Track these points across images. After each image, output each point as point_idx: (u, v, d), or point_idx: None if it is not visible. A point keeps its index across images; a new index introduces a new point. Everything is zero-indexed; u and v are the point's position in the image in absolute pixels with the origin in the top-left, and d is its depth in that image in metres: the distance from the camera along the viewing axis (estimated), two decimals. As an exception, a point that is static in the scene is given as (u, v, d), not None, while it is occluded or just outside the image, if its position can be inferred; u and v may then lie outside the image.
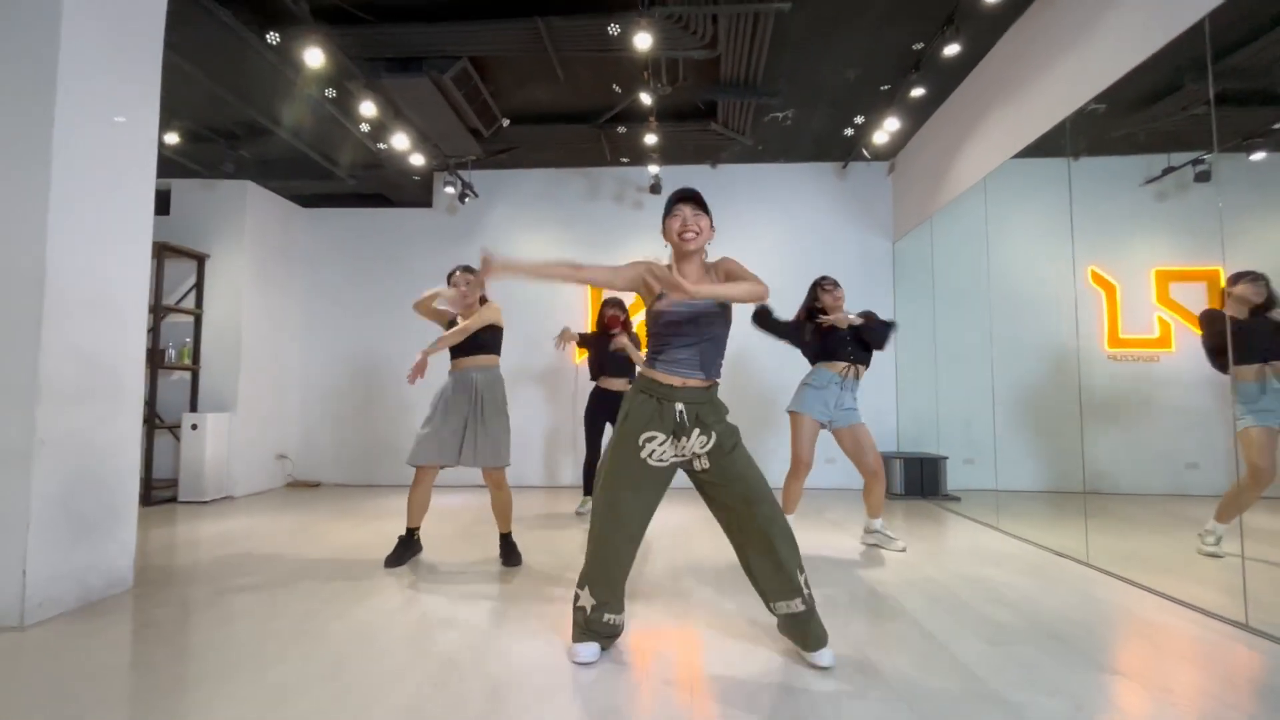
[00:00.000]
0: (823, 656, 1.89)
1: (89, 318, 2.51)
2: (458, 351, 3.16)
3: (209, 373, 5.30)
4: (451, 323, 3.20)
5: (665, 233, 2.08)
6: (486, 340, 3.18)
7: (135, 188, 2.75)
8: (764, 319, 3.41)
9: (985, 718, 1.62)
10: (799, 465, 3.34)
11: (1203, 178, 3.78)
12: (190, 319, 5.30)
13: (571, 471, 5.90)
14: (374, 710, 1.66)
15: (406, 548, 3.12)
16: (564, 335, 4.14)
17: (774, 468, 4.99)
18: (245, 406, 5.35)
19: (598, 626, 1.98)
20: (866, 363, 3.42)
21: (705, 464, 1.97)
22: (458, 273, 3.23)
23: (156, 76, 2.86)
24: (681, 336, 1.95)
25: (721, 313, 2.00)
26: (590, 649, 1.94)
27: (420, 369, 3.04)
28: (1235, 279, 2.93)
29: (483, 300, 3.29)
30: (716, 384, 2.03)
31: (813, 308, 3.44)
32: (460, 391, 3.08)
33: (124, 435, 2.68)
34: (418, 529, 3.19)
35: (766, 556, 1.93)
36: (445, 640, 2.14)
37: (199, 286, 5.32)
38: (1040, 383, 4.56)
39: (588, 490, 4.40)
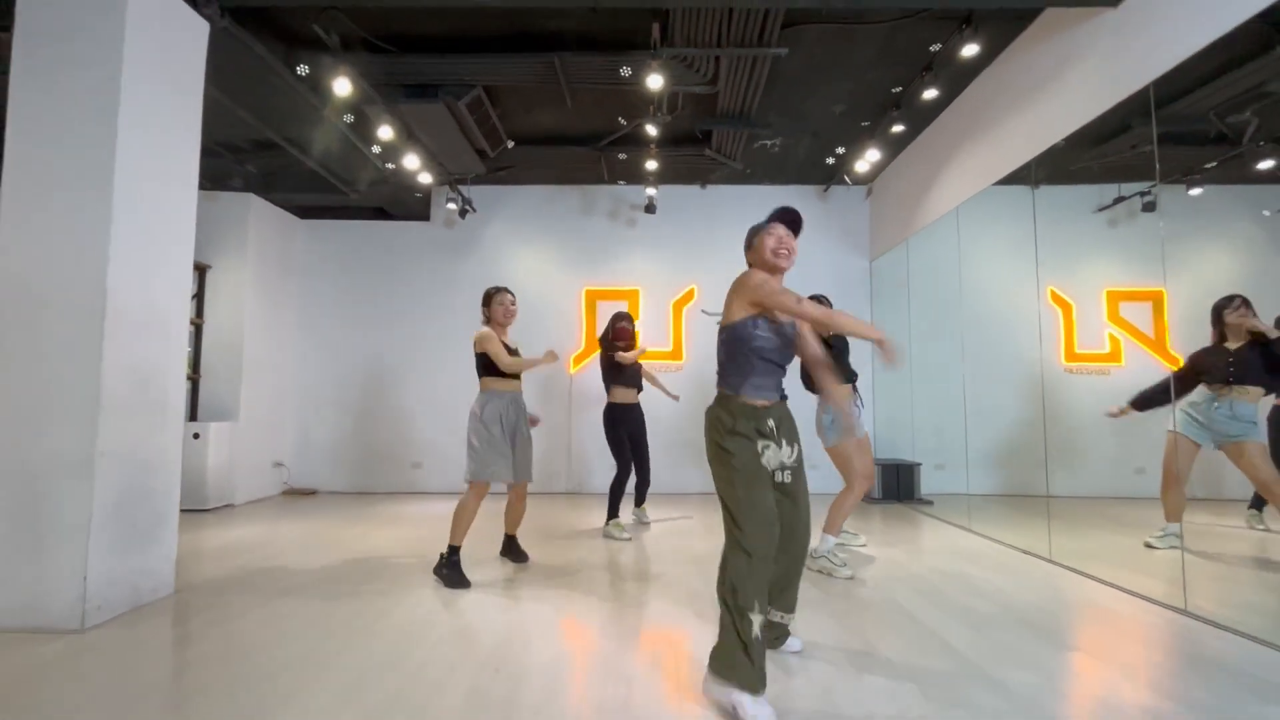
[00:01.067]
0: (792, 644, 2.20)
1: (142, 335, 2.65)
2: (513, 375, 3.26)
3: (210, 382, 5.36)
4: (506, 345, 3.25)
5: (758, 248, 2.03)
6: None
7: (181, 213, 2.90)
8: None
9: (977, 690, 1.92)
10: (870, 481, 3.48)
11: (1149, 207, 4.23)
12: (192, 329, 5.35)
13: (565, 479, 6.10)
14: (442, 697, 1.87)
15: (457, 569, 3.06)
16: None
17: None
18: (246, 415, 5.42)
19: (769, 639, 2.03)
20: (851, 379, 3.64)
21: (787, 478, 2.01)
22: (504, 292, 3.28)
23: (198, 105, 3.01)
24: (769, 363, 1.96)
25: (795, 339, 2.06)
26: (768, 711, 1.71)
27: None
28: (1222, 308, 3.18)
29: None
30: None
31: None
32: (518, 413, 3.26)
33: (168, 445, 2.82)
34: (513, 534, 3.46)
35: (790, 573, 2.07)
36: (490, 634, 2.36)
37: (200, 297, 5.38)
38: (1006, 394, 4.96)
39: (614, 513, 4.19)
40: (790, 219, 2.06)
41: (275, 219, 5.87)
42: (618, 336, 4.32)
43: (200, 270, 5.37)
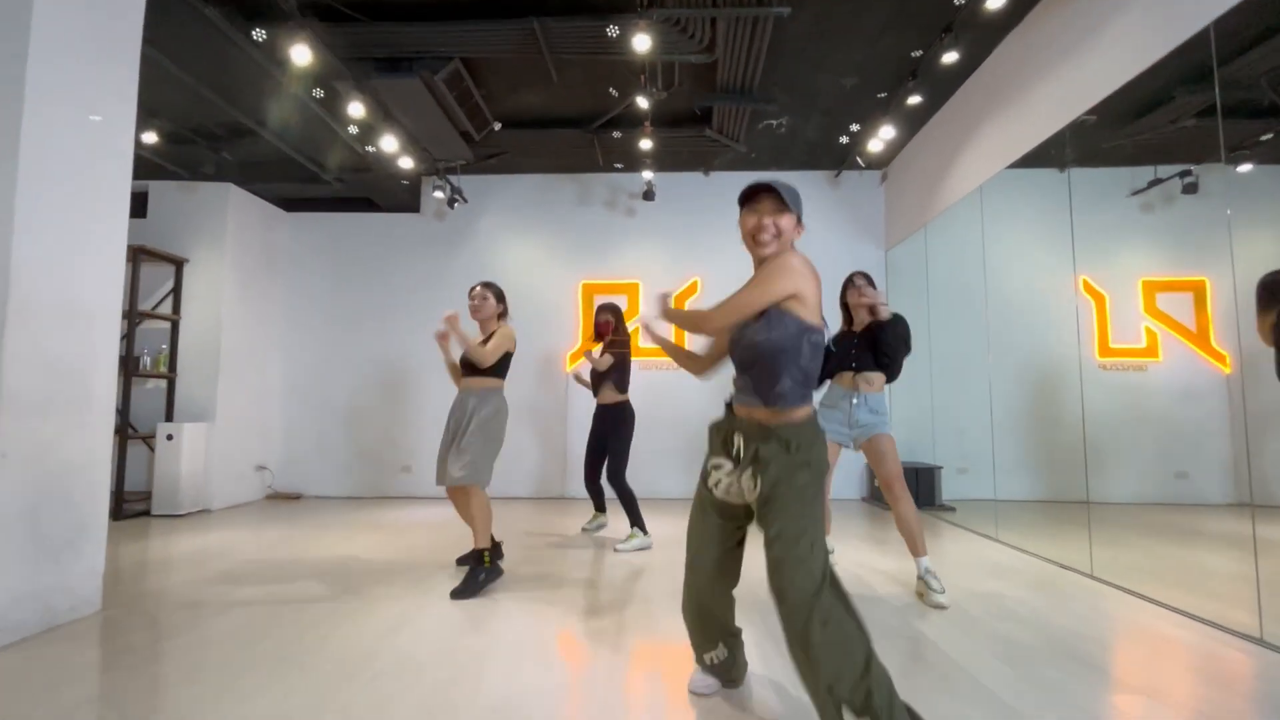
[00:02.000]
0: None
1: (57, 323, 2.36)
2: (465, 369, 3.03)
3: (186, 381, 5.11)
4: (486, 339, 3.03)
5: (741, 230, 1.69)
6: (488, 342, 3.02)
7: (110, 188, 2.61)
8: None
9: (1015, 746, 1.54)
10: (882, 484, 3.09)
11: (1190, 189, 3.81)
12: (167, 325, 5.11)
13: (559, 483, 5.77)
14: (365, 747, 1.54)
15: (494, 554, 3.00)
16: None
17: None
18: (224, 416, 5.16)
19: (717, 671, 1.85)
20: (871, 367, 3.10)
21: (754, 509, 1.62)
22: (477, 288, 3.08)
23: (134, 73, 2.72)
24: (735, 358, 1.66)
25: (761, 324, 1.56)
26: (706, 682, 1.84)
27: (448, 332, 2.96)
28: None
29: (501, 315, 3.14)
30: (792, 421, 1.55)
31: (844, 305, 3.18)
32: (455, 412, 3.01)
33: (93, 448, 2.52)
34: (498, 542, 3.11)
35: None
36: (436, 670, 2.02)
37: (176, 291, 5.14)
38: (1035, 392, 4.55)
39: (599, 507, 4.15)
40: (769, 188, 1.62)
41: (256, 210, 5.62)
42: (600, 330, 3.96)
43: (176, 264, 5.12)
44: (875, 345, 3.04)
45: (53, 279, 2.35)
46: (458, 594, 2.74)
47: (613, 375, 3.89)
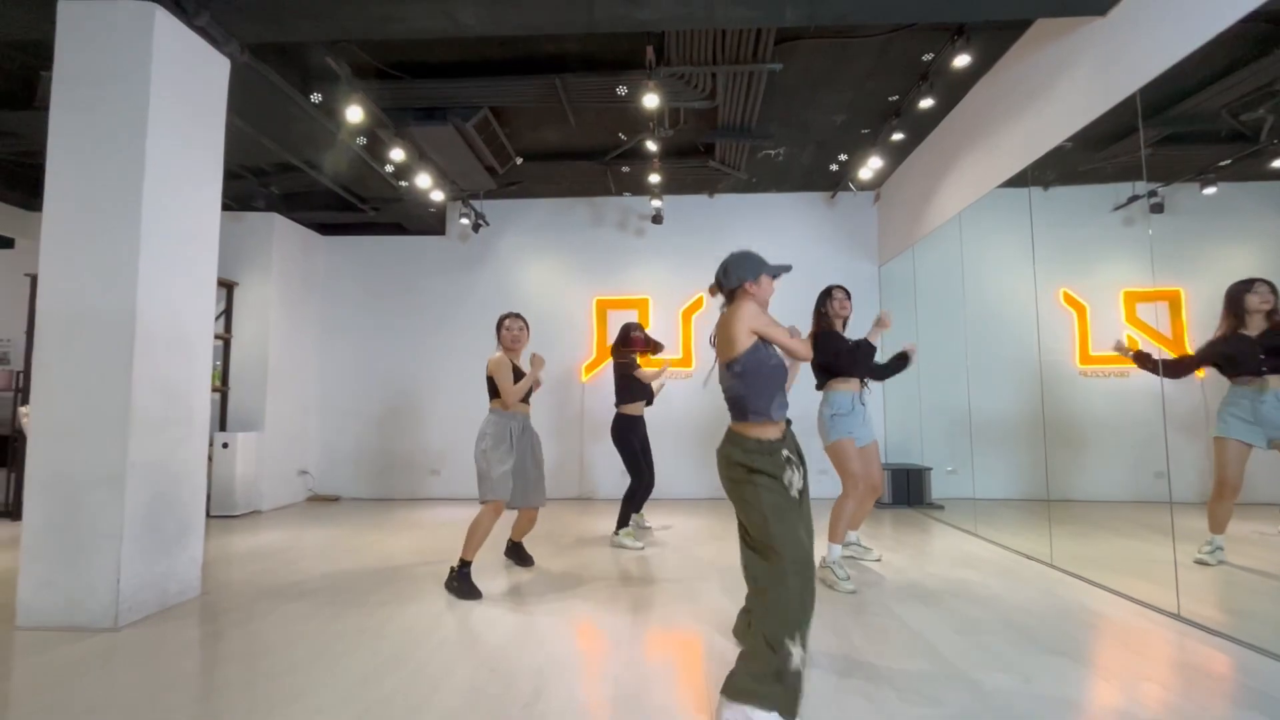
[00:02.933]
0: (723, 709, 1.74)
1: (169, 352, 2.85)
2: (525, 395, 3.32)
3: (238, 393, 5.62)
4: (516, 367, 3.30)
5: (763, 290, 2.13)
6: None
7: (205, 235, 3.10)
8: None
9: (951, 690, 1.98)
10: (869, 487, 3.35)
11: (1157, 209, 4.19)
12: (220, 344, 5.62)
13: (575, 485, 6.22)
14: (441, 691, 2.00)
15: (468, 582, 3.10)
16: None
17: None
18: (271, 425, 5.67)
19: (799, 681, 1.73)
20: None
21: (799, 498, 1.93)
22: (515, 320, 3.34)
23: (220, 134, 3.21)
24: (781, 381, 1.99)
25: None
26: None
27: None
28: (1242, 290, 3.01)
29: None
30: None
31: (820, 314, 3.48)
32: (529, 437, 3.33)
33: (194, 457, 3.01)
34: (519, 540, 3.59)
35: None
36: (493, 635, 2.48)
37: (228, 313, 5.64)
38: (1013, 397, 4.93)
39: (624, 521, 4.21)
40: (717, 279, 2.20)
41: (297, 236, 6.13)
42: (631, 345, 4.30)
43: (228, 287, 5.63)
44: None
45: (165, 311, 2.83)
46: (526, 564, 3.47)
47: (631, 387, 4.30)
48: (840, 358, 3.34)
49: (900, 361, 3.61)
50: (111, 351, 2.65)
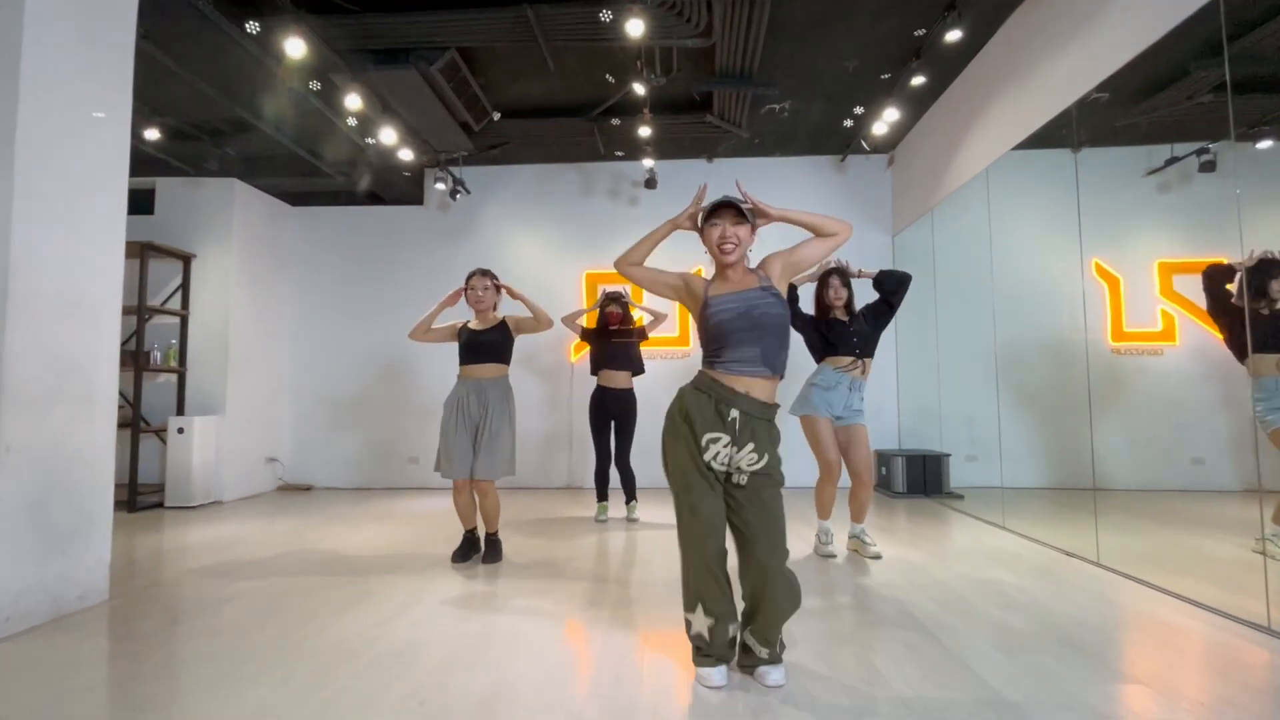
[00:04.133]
0: (768, 675, 1.79)
1: (58, 317, 2.40)
2: (469, 358, 3.14)
3: (196, 375, 5.19)
4: (459, 335, 3.23)
5: (705, 242, 1.94)
6: (500, 348, 3.16)
7: (107, 182, 2.64)
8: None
9: (1004, 734, 1.53)
10: (829, 469, 3.22)
11: (1207, 168, 3.70)
12: (176, 320, 5.18)
13: (563, 471, 5.79)
14: (353, 733, 1.56)
15: (470, 546, 3.21)
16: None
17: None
18: (234, 409, 5.24)
19: (722, 647, 1.80)
20: (871, 354, 3.30)
21: (743, 480, 1.81)
22: (477, 277, 3.22)
23: (128, 67, 2.74)
24: (737, 333, 1.80)
25: (775, 299, 1.84)
26: (719, 671, 1.78)
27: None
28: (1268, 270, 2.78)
29: (495, 307, 3.29)
30: (775, 402, 1.86)
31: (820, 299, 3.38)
32: (481, 403, 3.08)
33: (97, 440, 2.57)
34: (474, 529, 3.24)
35: (757, 594, 1.75)
36: (430, 656, 2.04)
37: (185, 287, 5.20)
38: (1044, 377, 4.48)
39: (601, 496, 4.27)
40: (727, 204, 1.89)
41: (262, 205, 5.66)
42: (609, 321, 4.20)
43: (184, 259, 5.18)
44: (875, 320, 3.28)
45: (53, 272, 2.38)
46: (488, 559, 3.14)
47: (632, 362, 4.23)
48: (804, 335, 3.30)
49: (888, 279, 3.31)
50: (-25, 314, 2.20)
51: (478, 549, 3.23)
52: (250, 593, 2.70)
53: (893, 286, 3.25)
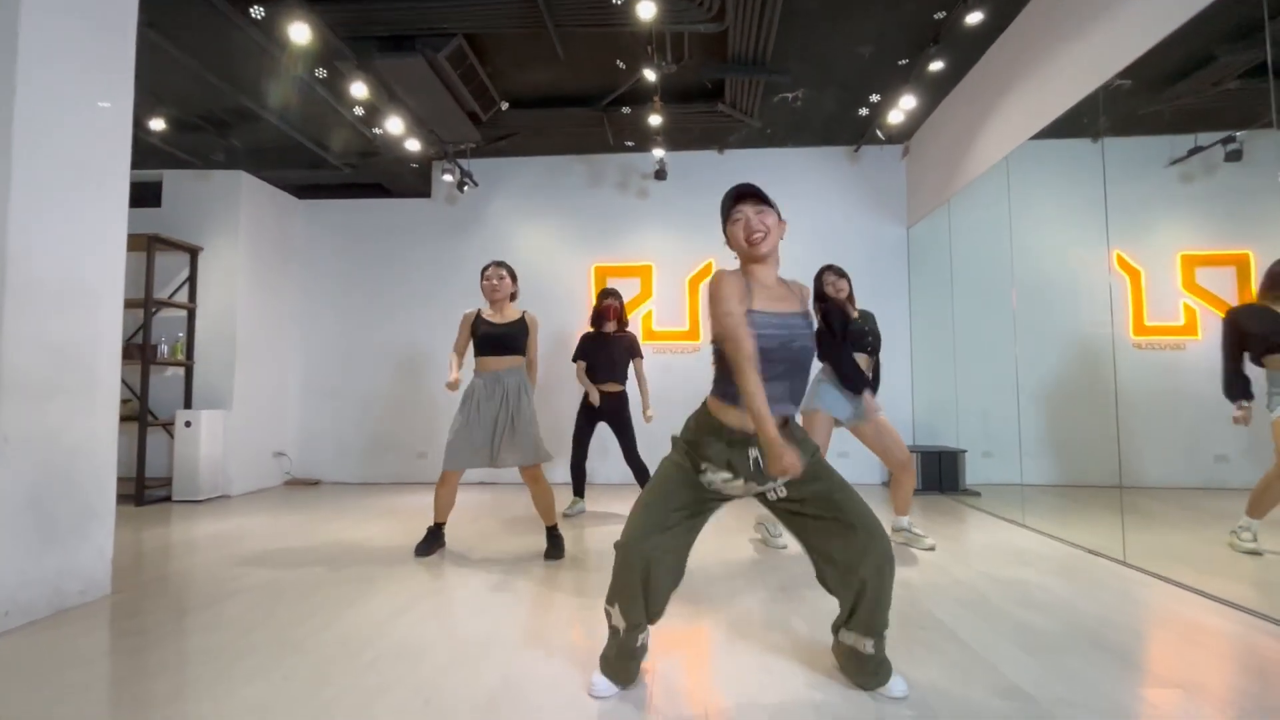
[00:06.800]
0: (893, 687, 1.66)
1: (59, 307, 2.36)
2: (486, 351, 3.11)
3: (203, 368, 5.16)
4: (475, 329, 3.17)
5: (731, 241, 1.73)
6: (516, 341, 3.15)
7: (107, 171, 2.59)
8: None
9: (1037, 742, 1.45)
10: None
11: (1233, 157, 3.58)
12: (184, 313, 5.16)
13: (563, 470, 5.72)
14: (354, 734, 1.50)
15: (434, 539, 3.19)
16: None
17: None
18: (241, 403, 5.21)
19: (632, 653, 1.70)
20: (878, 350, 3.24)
21: (783, 491, 1.67)
22: (492, 268, 3.20)
23: (130, 56, 2.69)
24: (770, 365, 1.56)
25: (809, 329, 1.68)
26: (606, 684, 1.69)
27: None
28: None
29: (513, 297, 3.27)
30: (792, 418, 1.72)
31: (821, 295, 3.25)
32: (491, 395, 3.06)
33: (99, 432, 2.53)
34: (444, 524, 3.22)
35: (867, 586, 1.61)
36: (435, 654, 1.98)
37: (192, 280, 5.18)
38: (1064, 373, 4.37)
39: (577, 491, 4.30)
40: (748, 192, 1.71)
41: (269, 198, 5.63)
42: (604, 314, 4.16)
43: (191, 252, 5.15)
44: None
45: (52, 261, 2.34)
46: (551, 556, 3.09)
47: (616, 369, 4.19)
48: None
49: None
50: (-28, 302, 2.16)
51: (442, 544, 3.24)
52: (255, 587, 2.66)
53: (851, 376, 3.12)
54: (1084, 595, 2.49)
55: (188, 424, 4.78)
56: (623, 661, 1.70)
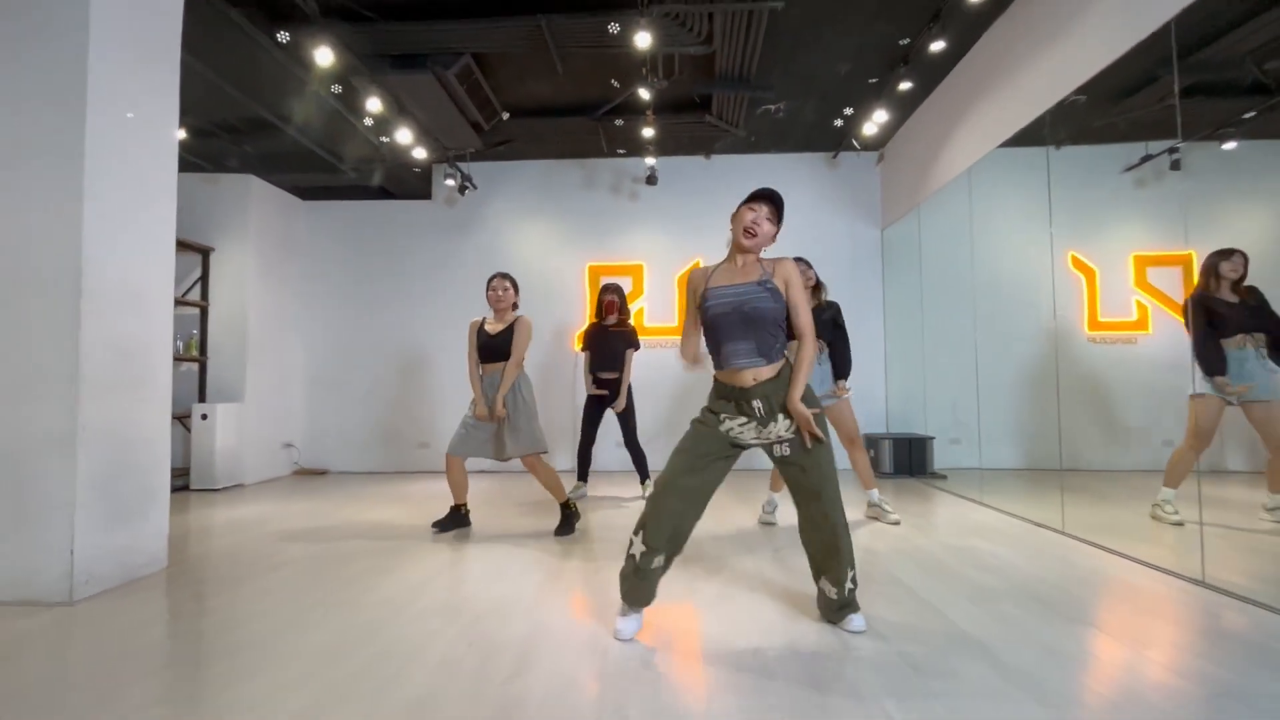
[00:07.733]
0: (851, 621, 2.05)
1: (122, 309, 2.63)
2: (485, 358, 3.44)
3: (216, 364, 5.41)
4: (478, 339, 3.47)
5: (732, 222, 2.12)
6: (508, 346, 3.44)
7: (158, 184, 2.86)
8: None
9: (967, 660, 1.82)
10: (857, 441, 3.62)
11: (1176, 166, 3.98)
12: (197, 311, 5.39)
13: (568, 457, 6.06)
14: (413, 667, 1.83)
15: (455, 519, 3.53)
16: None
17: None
18: (253, 396, 5.47)
19: (646, 576, 2.00)
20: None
21: (786, 450, 2.02)
22: (497, 279, 3.51)
23: (175, 77, 2.96)
24: (729, 328, 2.00)
25: (769, 294, 1.99)
26: (632, 622, 2.03)
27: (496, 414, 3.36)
28: (1218, 258, 3.17)
29: (514, 306, 3.57)
30: (788, 361, 2.05)
31: None
32: (491, 396, 3.39)
33: (155, 422, 2.81)
34: (464, 505, 3.56)
35: (825, 545, 2.02)
36: (468, 610, 2.31)
37: (204, 279, 5.40)
38: (1022, 365, 4.77)
39: (581, 475, 4.59)
40: (767, 196, 2.08)
41: (276, 200, 5.86)
42: (605, 310, 4.40)
43: (203, 253, 5.38)
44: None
45: (118, 269, 2.61)
46: (561, 533, 3.43)
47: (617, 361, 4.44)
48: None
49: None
50: (57, 310, 2.43)
51: (462, 523, 3.56)
52: (296, 559, 2.97)
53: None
54: (1025, 559, 2.89)
55: (204, 416, 5.03)
56: (639, 578, 2.01)
